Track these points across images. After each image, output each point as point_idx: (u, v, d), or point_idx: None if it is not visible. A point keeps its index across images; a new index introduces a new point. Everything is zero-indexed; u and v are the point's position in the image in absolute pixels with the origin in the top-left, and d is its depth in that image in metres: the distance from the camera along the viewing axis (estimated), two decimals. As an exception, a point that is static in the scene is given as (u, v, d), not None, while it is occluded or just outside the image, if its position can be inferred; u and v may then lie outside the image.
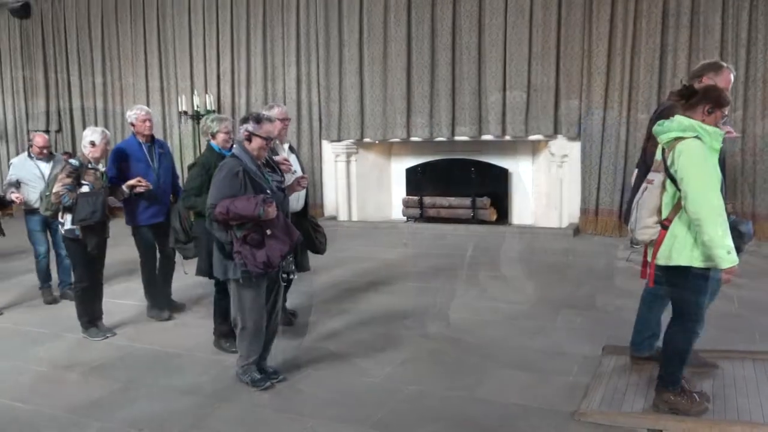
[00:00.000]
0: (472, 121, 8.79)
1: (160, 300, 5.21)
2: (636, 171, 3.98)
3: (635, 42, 7.83)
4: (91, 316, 4.79)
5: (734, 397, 3.27)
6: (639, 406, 3.23)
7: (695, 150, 2.92)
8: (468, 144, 9.17)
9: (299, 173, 4.62)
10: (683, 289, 3.10)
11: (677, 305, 3.20)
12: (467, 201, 9.09)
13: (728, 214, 3.04)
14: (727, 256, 2.86)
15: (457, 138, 9.00)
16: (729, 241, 2.87)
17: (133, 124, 5.12)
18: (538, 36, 8.29)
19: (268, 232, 3.42)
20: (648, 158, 3.52)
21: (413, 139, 9.30)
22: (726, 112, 3.07)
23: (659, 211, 3.10)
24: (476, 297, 5.53)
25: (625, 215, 5.31)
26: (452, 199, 9.27)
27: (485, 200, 9.06)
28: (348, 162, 9.91)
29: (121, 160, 5.02)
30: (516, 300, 5.39)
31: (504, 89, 8.56)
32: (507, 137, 8.71)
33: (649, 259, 3.22)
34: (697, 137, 2.95)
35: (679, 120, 3.02)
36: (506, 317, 4.94)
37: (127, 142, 5.28)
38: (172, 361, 4.28)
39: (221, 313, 4.31)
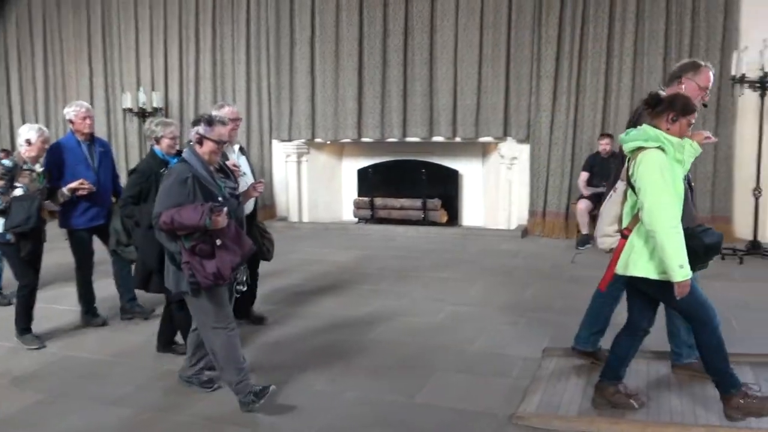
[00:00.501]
0: (423, 123, 8.77)
1: (94, 306, 4.97)
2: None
3: (582, 46, 7.94)
4: (28, 323, 4.52)
5: (668, 398, 3.29)
6: (575, 409, 3.22)
7: (655, 161, 2.88)
8: (420, 145, 9.16)
9: (249, 177, 4.48)
10: (674, 297, 2.95)
11: (683, 312, 3.12)
12: (418, 202, 9.08)
13: (699, 225, 3.05)
14: (679, 270, 2.82)
15: (408, 139, 8.97)
16: (682, 255, 2.82)
17: (71, 122, 4.86)
18: (488, 38, 8.33)
19: (218, 242, 3.23)
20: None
21: (364, 139, 9.23)
22: (693, 120, 3.01)
23: (620, 220, 3.07)
24: (421, 299, 5.48)
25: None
26: (403, 200, 9.24)
27: (436, 202, 9.07)
28: (299, 162, 9.77)
29: (58, 161, 4.74)
30: (461, 302, 5.37)
31: (455, 91, 8.58)
32: (458, 139, 8.73)
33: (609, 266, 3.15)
34: (660, 148, 2.91)
35: (644, 129, 2.98)
36: (450, 319, 4.90)
37: (65, 140, 4.98)
38: (109, 369, 4.06)
39: (185, 329, 4.04)
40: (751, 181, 6.95)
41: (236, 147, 4.57)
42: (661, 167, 2.87)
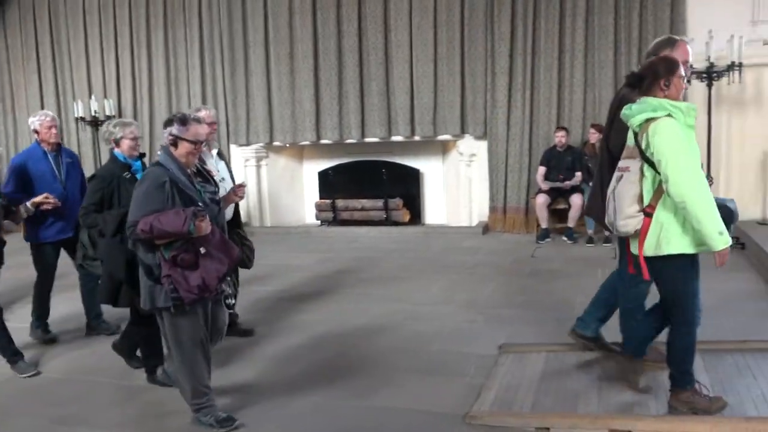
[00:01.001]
0: (382, 123, 8.75)
1: (46, 321, 4.78)
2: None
3: (535, 42, 8.01)
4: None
5: (618, 389, 3.30)
6: (528, 405, 3.22)
7: (669, 129, 2.75)
8: (380, 145, 9.13)
9: (228, 182, 4.33)
10: (674, 279, 2.92)
11: (668, 299, 3.01)
12: (380, 203, 9.05)
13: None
14: (719, 237, 2.67)
15: (367, 140, 8.94)
16: (719, 221, 2.69)
17: (36, 131, 4.65)
18: (442, 36, 8.34)
19: (202, 250, 2.99)
20: (612, 147, 3.34)
21: (323, 141, 9.17)
22: (683, 73, 2.91)
23: (641, 199, 2.88)
24: (381, 300, 5.45)
25: (587, 210, 5.29)
26: (365, 201, 9.19)
27: (398, 201, 9.05)
28: (258, 167, 9.65)
29: (22, 173, 4.53)
30: (421, 301, 5.36)
31: (411, 90, 8.57)
32: (416, 138, 8.73)
33: (634, 251, 2.97)
34: (669, 116, 2.79)
35: (647, 101, 2.85)
36: (409, 319, 4.88)
37: (29, 151, 4.76)
38: (62, 389, 3.89)
39: (128, 345, 3.93)
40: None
41: (214, 152, 4.44)
42: (677, 134, 2.75)
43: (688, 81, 3.45)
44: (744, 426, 2.76)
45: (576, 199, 7.33)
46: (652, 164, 2.79)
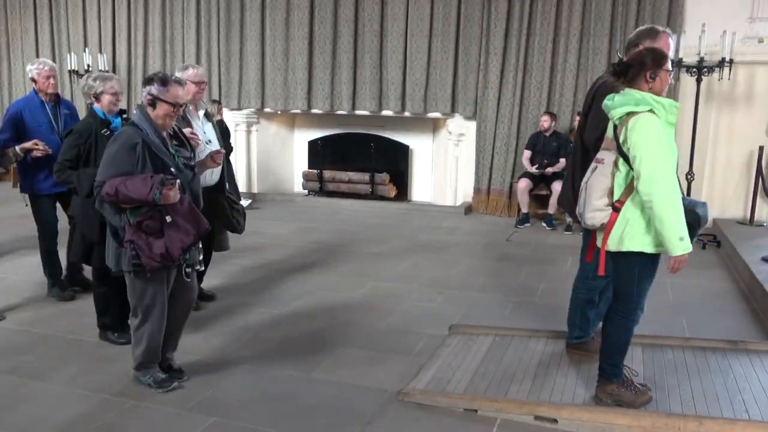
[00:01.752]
0: (373, 96, 8.69)
1: (60, 278, 4.69)
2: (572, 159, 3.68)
3: (531, 23, 7.89)
4: None
5: (554, 376, 3.34)
6: (463, 386, 3.25)
7: (649, 125, 2.69)
8: (372, 119, 9.08)
9: (215, 145, 4.17)
10: (629, 275, 2.90)
11: (620, 291, 2.98)
12: (366, 176, 9.03)
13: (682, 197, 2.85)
14: (679, 243, 2.64)
15: (357, 112, 8.89)
16: (682, 226, 2.66)
17: (34, 80, 4.57)
18: (439, 12, 8.23)
19: (168, 219, 2.93)
20: (585, 137, 3.31)
21: (314, 111, 9.12)
22: (670, 67, 2.83)
23: (611, 193, 2.84)
24: (348, 274, 5.48)
25: (558, 199, 5.20)
26: (352, 173, 9.18)
27: (384, 176, 9.03)
28: (249, 132, 9.63)
29: (18, 121, 4.44)
30: (385, 278, 5.38)
31: (404, 65, 8.49)
32: (406, 114, 8.68)
33: (599, 244, 2.93)
34: (651, 111, 2.72)
35: (629, 93, 2.78)
36: (370, 295, 4.90)
37: (26, 99, 4.65)
38: (64, 348, 3.84)
39: (101, 306, 3.88)
40: (684, 165, 7.02)
41: (201, 112, 4.28)
42: (656, 132, 2.69)
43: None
44: (664, 421, 2.78)
45: (557, 186, 7.28)
46: (627, 159, 2.75)
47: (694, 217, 2.77)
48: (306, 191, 9.58)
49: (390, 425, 2.98)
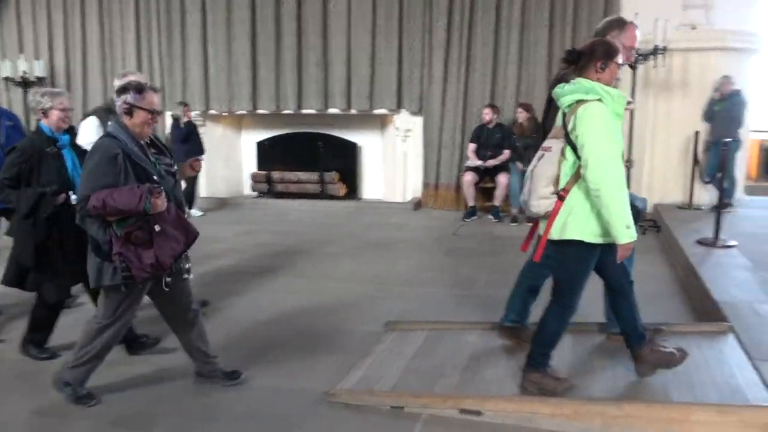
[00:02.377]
0: (318, 94, 8.61)
1: None
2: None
3: (472, 17, 7.91)
4: None
5: (483, 369, 3.31)
6: (391, 383, 3.20)
7: (597, 114, 2.69)
8: (320, 117, 8.99)
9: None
10: (570, 265, 2.90)
11: (559, 281, 2.99)
12: (315, 176, 8.95)
13: None
14: (625, 231, 2.66)
15: (304, 111, 8.80)
16: (628, 215, 2.68)
17: None
18: (381, 7, 8.21)
19: (157, 228, 2.87)
20: (548, 125, 3.27)
21: (260, 111, 9.00)
22: (620, 61, 2.85)
23: (557, 181, 2.83)
24: (290, 275, 5.39)
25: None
26: (301, 174, 9.08)
27: (333, 175, 8.95)
28: (195, 134, 9.43)
29: None
30: (329, 276, 5.31)
31: (349, 62, 8.43)
32: (353, 111, 8.62)
33: (540, 232, 2.93)
34: (599, 100, 2.72)
35: (579, 82, 2.79)
36: (311, 295, 4.83)
37: None
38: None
39: (37, 324, 3.71)
40: (623, 152, 7.13)
41: None
42: (603, 121, 2.69)
43: (633, 66, 3.30)
44: (586, 408, 2.78)
45: (502, 179, 7.33)
46: (574, 147, 2.75)
47: (633, 212, 2.80)
48: (255, 193, 9.44)
49: (315, 428, 2.92)
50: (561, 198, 2.81)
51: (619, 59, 2.85)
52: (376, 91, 8.41)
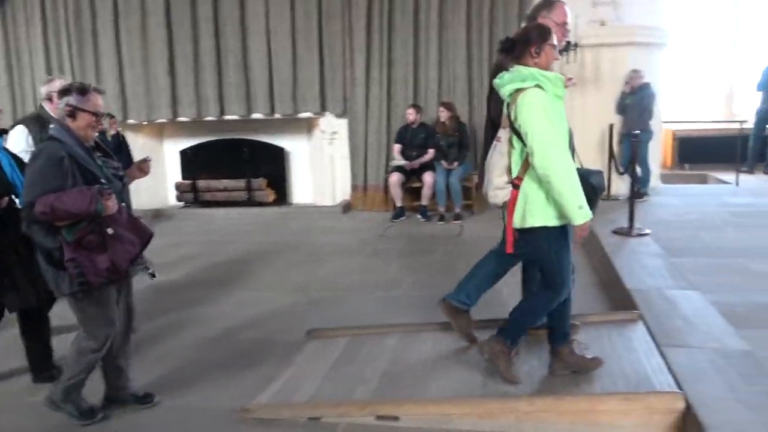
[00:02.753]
0: (240, 99, 8.43)
1: None
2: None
3: (391, 18, 7.91)
4: None
5: (401, 372, 3.27)
6: (309, 394, 3.13)
7: (536, 100, 2.70)
8: (245, 123, 8.79)
9: None
10: (542, 250, 2.89)
11: (543, 268, 2.99)
12: (242, 183, 8.76)
13: (578, 167, 2.86)
14: (579, 211, 2.69)
15: (226, 117, 8.60)
16: (580, 195, 2.70)
17: None
18: (299, 8, 8.08)
19: (110, 231, 2.79)
20: (494, 117, 3.26)
21: (181, 119, 8.73)
22: (555, 42, 2.84)
23: (510, 171, 2.87)
24: (211, 287, 5.24)
25: (478, 185, 5.06)
26: (227, 181, 8.86)
27: (261, 181, 8.79)
28: (113, 145, 9.07)
29: None
30: (251, 287, 5.20)
31: (270, 65, 8.29)
32: (277, 115, 8.48)
33: (505, 222, 2.95)
34: (538, 86, 2.73)
35: (517, 69, 2.79)
36: (232, 307, 4.70)
37: None
38: None
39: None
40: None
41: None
42: (543, 106, 2.70)
43: (567, 48, 3.32)
44: (498, 406, 2.80)
45: (428, 178, 7.37)
46: (520, 136, 2.77)
47: (589, 188, 2.85)
48: (181, 203, 9.17)
49: (229, 446, 2.83)
50: (516, 186, 2.85)
51: (554, 40, 2.86)
52: (299, 94, 8.29)
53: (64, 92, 2.91)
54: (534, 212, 2.81)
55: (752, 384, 2.77)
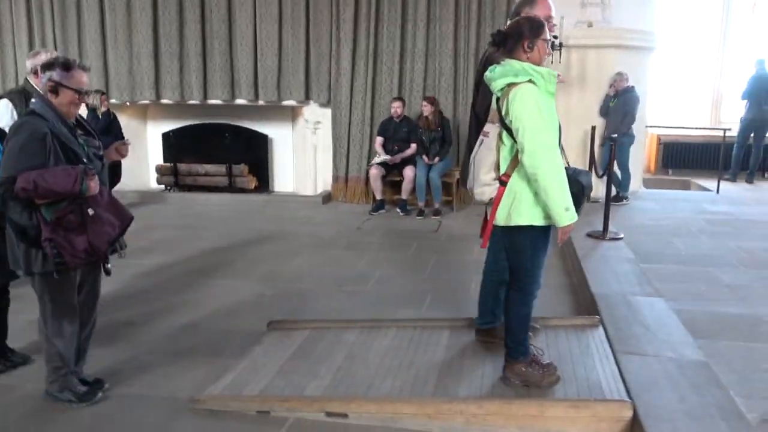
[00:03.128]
0: (224, 84, 8.34)
1: None
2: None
3: (379, 9, 7.83)
4: None
5: (356, 368, 3.24)
6: (261, 386, 3.10)
7: (529, 96, 2.63)
8: (229, 108, 8.70)
9: None
10: (522, 249, 2.85)
11: (515, 266, 2.94)
12: (224, 168, 8.69)
13: (567, 166, 2.82)
14: (565, 213, 2.64)
15: (210, 101, 8.51)
16: (567, 197, 2.65)
17: None
18: (287, -5, 8.01)
19: (90, 212, 2.75)
20: (478, 110, 3.21)
21: (163, 101, 8.64)
22: (548, 36, 2.77)
23: (498, 167, 2.81)
24: (179, 273, 5.19)
25: (459, 181, 4.99)
26: (209, 166, 8.79)
27: (243, 167, 8.72)
28: (94, 125, 8.97)
29: None
30: (220, 275, 5.14)
31: (255, 52, 8.20)
32: (261, 102, 8.41)
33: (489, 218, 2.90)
34: (531, 81, 2.66)
35: (509, 63, 2.72)
36: (198, 294, 4.65)
37: None
38: None
39: None
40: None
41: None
42: (536, 102, 2.63)
43: (552, 46, 3.26)
44: (447, 407, 2.77)
45: (408, 172, 7.33)
46: (510, 132, 2.70)
47: (578, 187, 2.81)
48: (162, 186, 9.09)
49: (172, 437, 2.79)
50: (503, 183, 2.79)
51: (546, 35, 2.78)
52: (284, 82, 8.22)
53: (47, 66, 2.84)
54: (521, 211, 2.75)
55: (703, 395, 2.76)
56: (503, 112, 2.73)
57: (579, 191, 2.82)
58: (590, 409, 2.70)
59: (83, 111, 7.67)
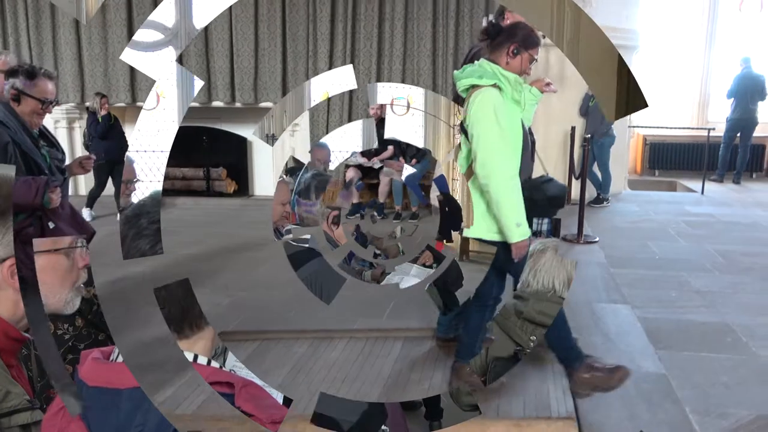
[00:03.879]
0: (201, 86, 8.21)
1: None
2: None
3: (356, 9, 7.71)
4: None
5: (298, 383, 3.12)
6: (195, 405, 2.95)
7: (489, 102, 2.43)
8: (208, 111, 8.55)
9: None
10: (511, 259, 2.63)
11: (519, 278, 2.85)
12: (201, 172, 8.56)
13: (540, 176, 2.74)
14: (516, 229, 2.45)
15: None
16: (519, 212, 2.46)
17: None
18: (263, -6, 7.89)
19: (51, 225, 2.65)
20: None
21: (139, 104, 8.51)
22: (536, 56, 2.56)
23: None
24: (135, 281, 5.02)
25: None
26: (186, 169, 8.66)
27: (221, 171, 8.59)
28: (70, 129, 8.89)
29: None
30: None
31: (231, 53, 8.08)
32: (237, 104, 8.28)
33: None
34: (495, 86, 2.46)
35: (481, 64, 2.52)
36: (148, 303, 4.50)
37: None
38: None
39: None
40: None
41: None
42: (495, 109, 2.42)
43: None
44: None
45: (385, 175, 7.17)
46: (468, 136, 2.52)
47: (541, 195, 2.72)
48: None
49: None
50: None
51: (536, 54, 2.58)
52: (261, 84, 8.11)
53: (10, 74, 2.73)
54: (475, 222, 2.59)
55: (655, 412, 2.61)
56: (462, 116, 2.57)
57: (545, 203, 2.70)
58: (533, 428, 2.55)
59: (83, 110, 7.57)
